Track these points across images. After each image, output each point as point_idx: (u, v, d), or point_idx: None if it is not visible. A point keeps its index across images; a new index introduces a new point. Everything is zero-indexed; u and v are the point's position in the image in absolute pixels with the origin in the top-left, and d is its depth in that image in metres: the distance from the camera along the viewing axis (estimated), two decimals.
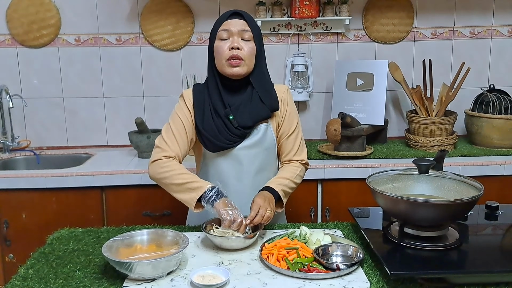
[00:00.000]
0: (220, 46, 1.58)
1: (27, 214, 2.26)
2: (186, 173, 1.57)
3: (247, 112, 1.61)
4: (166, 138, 1.63)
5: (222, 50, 1.57)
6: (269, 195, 1.56)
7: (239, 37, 1.58)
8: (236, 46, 1.56)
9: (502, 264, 1.33)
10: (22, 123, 2.74)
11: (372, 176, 1.54)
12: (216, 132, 1.60)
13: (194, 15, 2.69)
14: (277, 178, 1.64)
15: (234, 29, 1.57)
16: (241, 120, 1.60)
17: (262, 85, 1.63)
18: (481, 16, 2.75)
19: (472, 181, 1.48)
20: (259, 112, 1.62)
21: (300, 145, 1.72)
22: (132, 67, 2.73)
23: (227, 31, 1.57)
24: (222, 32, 1.58)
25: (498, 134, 2.50)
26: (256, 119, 1.62)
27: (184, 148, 1.64)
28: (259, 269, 1.36)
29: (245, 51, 1.57)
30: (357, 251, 1.40)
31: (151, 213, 2.29)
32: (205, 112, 1.62)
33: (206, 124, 1.61)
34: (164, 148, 1.62)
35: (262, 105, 1.62)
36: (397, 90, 2.80)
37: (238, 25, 1.57)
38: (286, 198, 1.64)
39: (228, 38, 1.58)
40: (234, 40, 1.57)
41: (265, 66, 1.67)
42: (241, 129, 1.61)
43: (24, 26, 2.64)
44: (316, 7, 2.60)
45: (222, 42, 1.58)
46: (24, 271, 1.38)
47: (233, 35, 1.58)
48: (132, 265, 1.26)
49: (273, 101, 1.64)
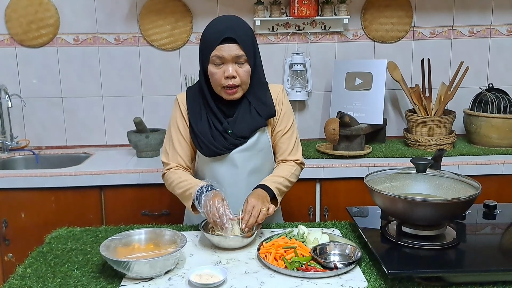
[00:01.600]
0: (215, 73, 1.54)
1: (26, 214, 2.26)
2: (183, 181, 1.60)
3: (245, 124, 1.62)
4: (167, 149, 1.70)
5: (217, 77, 1.54)
6: (263, 193, 1.55)
7: (233, 62, 1.53)
8: (231, 75, 1.52)
9: (500, 263, 1.33)
10: (21, 123, 2.74)
11: (370, 175, 1.54)
12: (211, 138, 1.62)
13: (192, 14, 2.69)
14: (271, 176, 1.64)
15: (227, 56, 1.52)
16: (239, 132, 1.62)
17: (258, 98, 1.63)
18: (480, 15, 2.75)
19: (470, 180, 1.48)
20: (256, 123, 1.63)
21: (295, 144, 1.71)
22: (130, 67, 2.73)
23: (221, 58, 1.52)
24: (215, 58, 1.52)
25: (497, 133, 2.50)
26: (253, 129, 1.63)
27: (186, 154, 1.69)
28: (257, 268, 1.36)
29: (241, 76, 1.55)
30: (355, 250, 1.40)
31: (149, 213, 2.29)
32: (202, 117, 1.63)
33: (202, 130, 1.62)
34: (165, 162, 1.69)
35: (259, 117, 1.63)
36: (396, 90, 2.80)
37: (231, 51, 1.51)
38: (281, 197, 1.63)
39: (221, 63, 1.54)
40: (229, 68, 1.52)
41: (262, 73, 1.66)
42: (239, 139, 1.63)
43: (23, 26, 2.64)
44: (314, 7, 2.60)
45: (216, 68, 1.54)
46: (22, 270, 1.38)
47: (227, 61, 1.53)
48: (130, 264, 1.27)
49: (270, 109, 1.64)
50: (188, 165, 1.70)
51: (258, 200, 1.50)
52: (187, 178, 1.61)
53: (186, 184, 1.59)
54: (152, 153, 2.50)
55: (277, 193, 1.59)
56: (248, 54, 1.54)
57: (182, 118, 1.66)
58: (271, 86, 1.69)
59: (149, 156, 2.50)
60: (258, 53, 1.62)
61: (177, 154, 1.67)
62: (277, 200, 1.61)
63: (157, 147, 2.51)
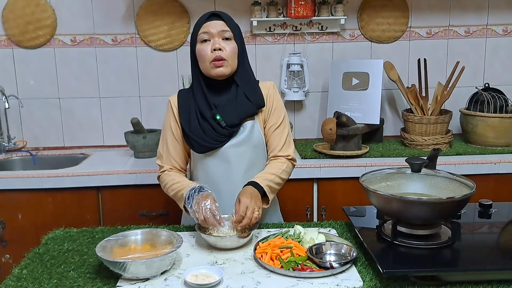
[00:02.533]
0: (203, 49, 1.60)
1: (23, 215, 2.26)
2: (175, 183, 1.63)
3: (234, 110, 1.62)
4: (161, 152, 1.73)
5: (204, 52, 1.59)
6: (255, 191, 1.54)
7: (219, 38, 1.60)
8: (217, 47, 1.58)
9: (495, 261, 1.34)
10: (18, 124, 2.75)
11: (365, 175, 1.54)
12: (202, 134, 1.63)
13: (189, 15, 2.69)
14: (262, 173, 1.63)
15: (214, 31, 1.59)
16: (228, 119, 1.62)
17: (247, 82, 1.66)
18: (476, 15, 2.76)
19: (465, 179, 1.49)
20: (245, 109, 1.64)
21: (287, 140, 1.71)
22: (128, 67, 2.73)
23: (207, 33, 1.59)
24: (203, 35, 1.60)
25: (493, 133, 2.50)
26: (243, 116, 1.64)
27: (180, 156, 1.72)
28: (253, 268, 1.37)
29: (227, 51, 1.60)
30: (350, 250, 1.41)
31: (147, 213, 2.29)
32: (191, 114, 1.65)
33: (192, 127, 1.63)
34: (160, 164, 1.73)
35: (248, 102, 1.64)
36: (393, 89, 2.81)
37: (217, 26, 1.59)
38: (273, 194, 1.63)
39: (208, 39, 1.60)
40: (215, 42, 1.59)
41: (248, 63, 1.69)
42: (228, 128, 1.63)
43: (20, 27, 2.64)
44: (311, 7, 2.61)
45: (204, 44, 1.60)
46: (18, 272, 1.38)
47: (213, 36, 1.59)
48: (126, 264, 1.27)
49: (259, 98, 1.66)
50: (182, 167, 1.72)
51: (251, 200, 1.50)
52: (180, 180, 1.63)
53: (178, 186, 1.60)
54: (149, 153, 2.50)
55: (268, 191, 1.59)
56: (234, 33, 1.61)
57: (175, 119, 1.68)
58: (261, 83, 1.71)
59: (147, 157, 2.50)
60: (245, 48, 1.68)
61: (171, 156, 1.69)
62: (268, 198, 1.60)
63: (155, 148, 2.51)
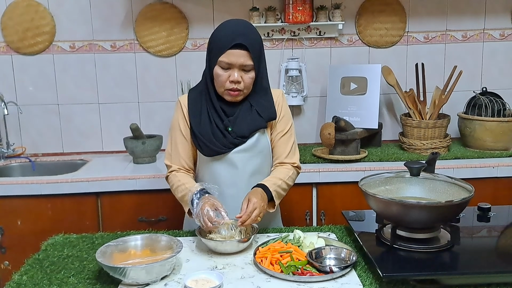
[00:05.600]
0: (221, 75, 1.57)
1: (22, 221, 2.26)
2: (181, 185, 1.63)
3: (245, 123, 1.63)
4: (170, 151, 1.71)
5: (222, 79, 1.58)
6: (264, 195, 1.57)
7: (240, 69, 1.56)
8: (236, 80, 1.56)
9: (494, 265, 1.34)
10: (17, 130, 2.75)
11: (364, 179, 1.55)
12: (212, 138, 1.63)
13: (188, 21, 2.70)
14: (270, 177, 1.65)
15: (236, 63, 1.55)
16: (239, 131, 1.63)
17: (260, 101, 1.65)
18: (473, 20, 2.78)
19: (463, 183, 1.49)
20: (256, 124, 1.65)
21: (292, 148, 1.73)
22: (127, 73, 2.74)
23: (229, 63, 1.55)
24: (223, 63, 1.56)
25: (491, 137, 2.51)
26: (253, 129, 1.65)
27: (189, 155, 1.71)
28: (253, 273, 1.37)
29: (245, 82, 1.58)
30: (350, 254, 1.41)
31: (146, 219, 2.29)
32: (202, 117, 1.65)
33: (203, 129, 1.64)
34: (168, 164, 1.72)
35: (260, 118, 1.64)
36: (391, 94, 2.82)
37: (240, 58, 1.54)
38: (278, 200, 1.65)
39: (228, 68, 1.57)
40: (235, 73, 1.56)
41: (266, 77, 1.67)
42: (239, 138, 1.64)
43: (19, 34, 2.65)
44: (309, 12, 2.62)
45: (223, 71, 1.57)
46: (18, 278, 1.38)
47: (234, 67, 1.56)
48: (126, 270, 1.27)
49: (271, 113, 1.66)
50: (190, 167, 1.72)
51: (261, 202, 1.52)
52: (185, 182, 1.63)
53: (183, 189, 1.61)
54: (148, 159, 2.50)
55: (275, 196, 1.61)
56: (255, 63, 1.58)
57: (184, 119, 1.68)
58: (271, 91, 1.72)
59: (146, 162, 2.50)
60: (264, 58, 1.65)
61: (180, 155, 1.69)
62: (275, 202, 1.62)
63: (154, 153, 2.52)
